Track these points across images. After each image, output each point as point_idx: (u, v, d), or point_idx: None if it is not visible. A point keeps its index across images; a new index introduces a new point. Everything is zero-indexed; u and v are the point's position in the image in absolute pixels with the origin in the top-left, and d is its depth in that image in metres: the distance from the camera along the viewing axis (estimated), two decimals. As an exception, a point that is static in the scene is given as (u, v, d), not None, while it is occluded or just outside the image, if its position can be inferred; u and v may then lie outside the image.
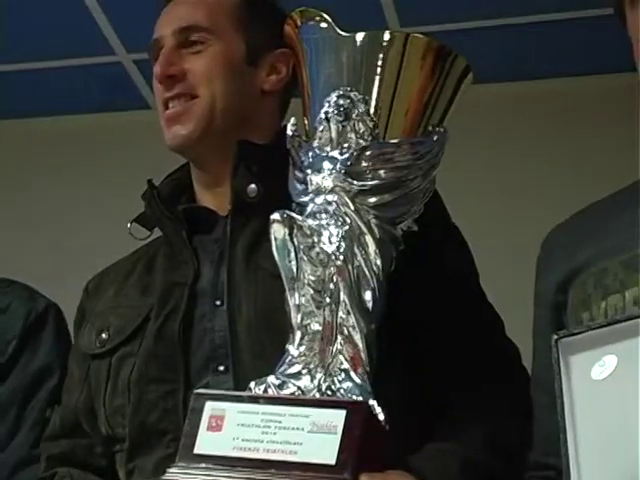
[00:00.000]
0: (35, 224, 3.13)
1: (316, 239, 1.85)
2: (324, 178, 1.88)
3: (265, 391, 1.81)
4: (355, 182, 1.87)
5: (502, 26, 4.14)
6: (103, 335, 2.19)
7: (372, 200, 1.88)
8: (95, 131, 4.33)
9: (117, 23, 4.02)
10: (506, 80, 4.18)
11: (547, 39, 4.19)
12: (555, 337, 1.75)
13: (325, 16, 2.00)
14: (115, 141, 4.22)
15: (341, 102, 1.89)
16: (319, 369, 1.82)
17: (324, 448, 1.69)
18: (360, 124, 1.88)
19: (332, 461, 1.67)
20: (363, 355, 1.82)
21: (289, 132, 2.00)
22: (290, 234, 1.85)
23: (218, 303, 2.12)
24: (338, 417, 1.71)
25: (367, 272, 1.85)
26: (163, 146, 2.27)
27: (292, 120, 2.02)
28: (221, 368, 2.05)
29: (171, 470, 1.78)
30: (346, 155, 1.87)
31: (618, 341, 1.68)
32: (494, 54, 3.98)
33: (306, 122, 1.99)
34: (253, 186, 2.12)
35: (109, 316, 2.22)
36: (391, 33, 1.99)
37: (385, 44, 1.95)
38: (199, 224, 2.23)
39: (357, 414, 1.73)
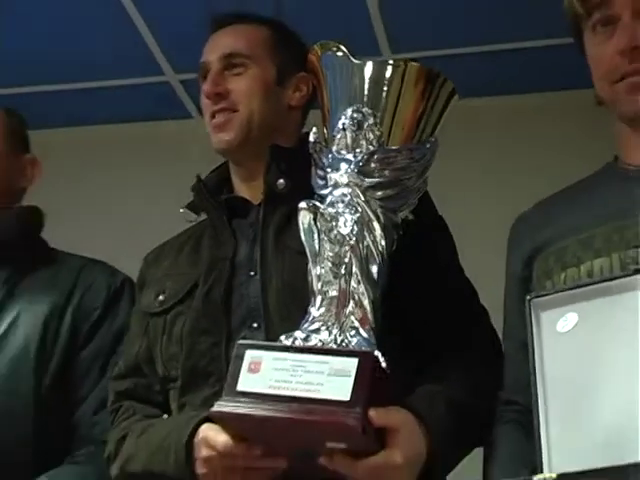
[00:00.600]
0: (91, 218, 3.15)
1: (334, 223, 1.91)
2: (341, 175, 1.95)
3: (293, 343, 1.87)
4: (365, 179, 1.94)
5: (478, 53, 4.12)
6: (160, 297, 2.26)
7: (378, 194, 1.95)
8: (144, 137, 4.33)
9: (165, 45, 4.01)
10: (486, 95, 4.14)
11: (525, 62, 4.13)
12: (528, 297, 1.80)
13: (342, 47, 2.04)
14: (162, 145, 4.24)
15: (355, 115, 1.95)
16: (335, 326, 1.87)
17: (340, 388, 1.75)
18: (370, 133, 1.95)
19: (347, 398, 1.73)
20: (370, 316, 1.88)
21: (312, 139, 2.05)
22: (314, 219, 1.93)
23: (252, 274, 2.18)
24: (352, 364, 1.77)
25: (374, 250, 1.92)
26: (204, 149, 2.38)
27: (314, 129, 2.06)
28: (255, 325, 2.12)
29: (218, 403, 1.83)
30: (358, 158, 1.94)
31: (578, 302, 1.75)
32: (473, 75, 3.91)
33: (325, 131, 2.04)
34: (282, 180, 2.19)
35: (165, 282, 2.29)
36: (393, 62, 2.05)
37: (388, 70, 2.01)
38: (237, 210, 2.29)
39: (366, 362, 1.78)
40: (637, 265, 1.80)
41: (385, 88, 2.01)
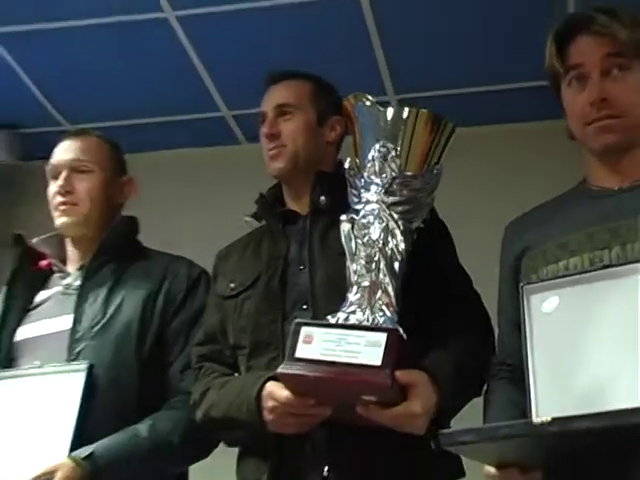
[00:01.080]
0: (165, 224, 3.14)
1: (367, 231, 1.96)
2: (371, 195, 2.00)
3: (337, 321, 1.92)
4: (389, 198, 1.98)
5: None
6: (231, 285, 2.28)
7: (399, 208, 1.98)
8: (204, 159, 4.27)
9: (220, 85, 3.98)
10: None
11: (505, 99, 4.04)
12: (521, 284, 1.86)
13: (369, 97, 2.08)
14: (218, 164, 4.17)
15: (381, 149, 2.00)
16: (367, 309, 1.91)
17: (373, 355, 1.80)
18: (392, 163, 1.99)
19: (379, 363, 1.79)
20: (393, 301, 1.92)
21: (346, 166, 2.09)
22: (352, 228, 1.98)
23: (302, 267, 2.20)
24: (382, 337, 1.82)
25: (396, 251, 1.95)
26: (249, 168, 2.39)
27: (348, 159, 2.10)
28: (304, 307, 2.13)
29: (281, 366, 1.90)
30: (384, 181, 1.99)
31: (559, 289, 1.81)
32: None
33: (357, 160, 2.06)
34: (323, 198, 2.21)
35: (235, 273, 2.31)
36: (408, 109, 2.04)
37: (405, 115, 2.03)
38: (288, 220, 2.30)
39: (392, 336, 1.83)
40: (603, 262, 1.85)
41: (403, 128, 2.03)
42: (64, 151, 2.56)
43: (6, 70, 3.85)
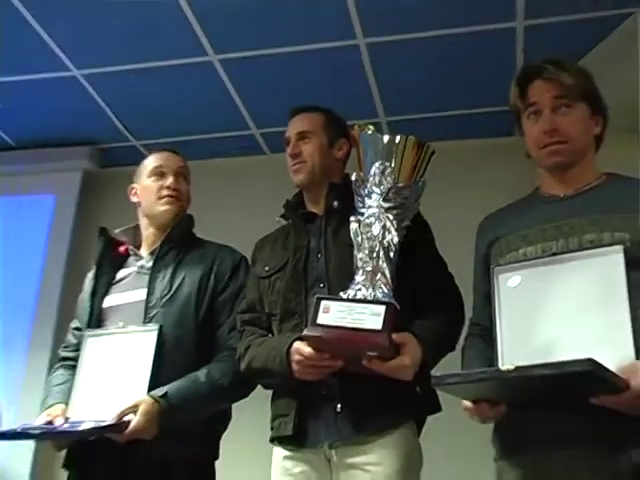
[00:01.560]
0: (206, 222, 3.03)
1: (369, 229, 1.99)
2: (372, 201, 2.03)
3: (348, 296, 1.94)
4: (386, 204, 2.01)
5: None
6: (266, 268, 2.29)
7: (393, 212, 2.01)
8: (235, 167, 4.22)
9: (250, 106, 3.90)
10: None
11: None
12: (492, 266, 1.93)
13: (371, 126, 2.09)
14: (247, 171, 4.11)
15: (380, 167, 2.03)
16: (370, 287, 1.95)
17: (375, 322, 1.85)
18: (389, 177, 2.01)
19: (379, 327, 1.84)
20: (390, 281, 1.96)
21: (353, 179, 2.09)
22: (358, 226, 2.01)
23: (319, 256, 2.21)
24: (382, 309, 1.87)
25: (391, 244, 1.98)
26: (270, 174, 2.39)
27: (354, 174, 2.09)
28: (321, 285, 2.14)
29: (306, 330, 1.95)
30: (382, 191, 2.01)
31: (520, 270, 1.87)
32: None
33: (361, 174, 2.07)
34: (335, 202, 2.23)
35: (268, 260, 2.32)
36: (400, 136, 2.05)
37: (397, 141, 2.04)
38: (308, 219, 2.30)
39: (389, 307, 1.88)
40: (552, 251, 1.88)
41: (395, 151, 2.05)
42: (168, 159, 2.64)
43: (91, 102, 3.87)
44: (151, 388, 2.22)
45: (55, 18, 3.34)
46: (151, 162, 2.63)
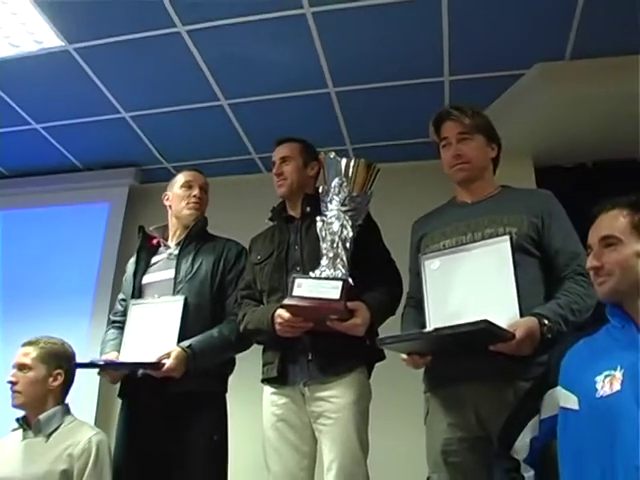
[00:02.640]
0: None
1: (331, 226, 1.99)
2: (333, 206, 2.02)
3: (315, 275, 1.94)
4: (343, 207, 2.01)
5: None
6: (258, 257, 2.28)
7: (349, 214, 2.01)
8: (238, 183, 4.14)
9: (251, 136, 3.88)
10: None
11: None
12: (420, 255, 1.95)
13: (333, 153, 2.08)
14: (247, 186, 4.05)
15: (339, 181, 2.03)
16: (331, 269, 1.94)
17: (335, 293, 1.86)
18: (346, 189, 2.02)
19: (337, 297, 1.86)
20: (346, 264, 1.95)
21: (320, 191, 2.09)
22: (323, 224, 2.00)
23: (297, 247, 2.18)
24: (339, 283, 1.88)
25: (347, 237, 1.98)
26: (265, 188, 2.39)
27: (321, 187, 2.09)
28: (298, 269, 2.12)
29: (285, 300, 1.95)
30: (340, 199, 2.02)
31: (440, 257, 1.90)
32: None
33: (326, 187, 2.07)
34: (308, 208, 2.21)
35: (260, 250, 2.29)
36: (353, 159, 2.06)
37: (352, 163, 2.04)
38: (289, 220, 2.28)
39: (345, 283, 1.88)
40: (462, 242, 1.90)
41: (351, 169, 2.05)
42: (195, 176, 2.62)
43: (135, 136, 3.88)
44: (179, 341, 2.23)
45: (108, 72, 3.36)
46: (182, 177, 2.62)
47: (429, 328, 1.75)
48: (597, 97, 3.22)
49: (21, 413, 2.23)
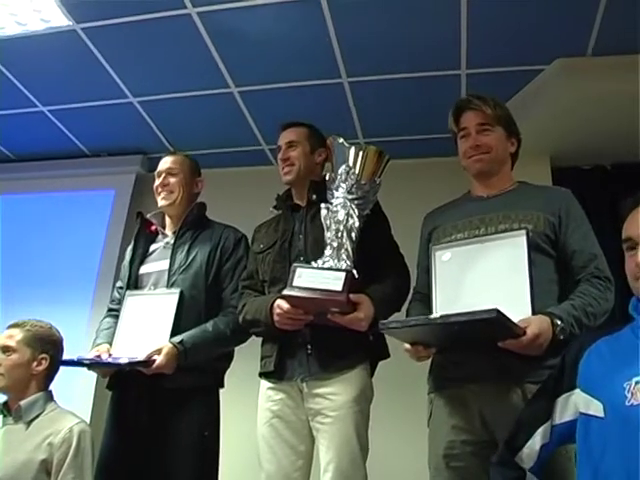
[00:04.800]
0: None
1: (336, 214, 1.95)
2: (339, 193, 1.98)
3: (318, 265, 1.89)
4: (350, 195, 1.97)
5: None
6: (261, 246, 2.22)
7: (355, 202, 1.96)
8: (252, 174, 4.12)
9: (265, 135, 3.89)
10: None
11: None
12: (431, 245, 1.92)
13: (341, 139, 2.06)
14: (260, 176, 3.85)
15: (346, 169, 1.99)
16: (335, 259, 1.90)
17: (338, 284, 1.80)
18: (353, 176, 1.98)
19: (340, 289, 1.80)
20: (351, 254, 1.91)
21: (327, 178, 2.05)
22: (327, 212, 1.96)
23: (301, 236, 2.13)
24: (342, 274, 1.82)
25: (353, 227, 1.93)
26: (276, 179, 2.33)
27: (328, 174, 2.06)
28: (302, 258, 2.06)
29: (284, 290, 1.89)
30: (348, 187, 1.98)
31: (451, 248, 1.86)
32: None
33: (332, 174, 2.03)
34: (314, 196, 2.14)
35: (263, 239, 2.24)
36: (363, 146, 2.04)
37: (361, 150, 2.01)
38: (294, 208, 2.23)
39: (348, 274, 1.83)
40: (477, 235, 1.86)
41: (360, 156, 2.01)
42: (164, 163, 2.51)
43: (143, 122, 3.86)
44: (172, 336, 2.18)
45: (116, 54, 3.32)
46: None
47: (434, 314, 1.70)
48: (618, 95, 3.14)
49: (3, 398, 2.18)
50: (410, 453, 2.46)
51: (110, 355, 2.23)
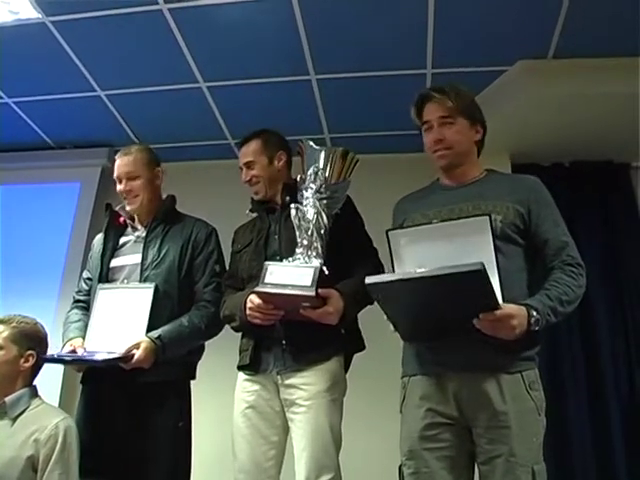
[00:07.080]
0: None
1: (306, 214, 1.99)
2: (309, 194, 2.02)
3: (289, 262, 1.94)
4: (319, 195, 2.01)
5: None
6: (239, 245, 2.29)
7: (324, 202, 2.01)
8: (213, 169, 4.15)
9: (230, 122, 3.88)
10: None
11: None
12: (387, 230, 1.81)
13: (311, 142, 2.09)
14: (226, 174, 3.60)
15: (315, 170, 2.03)
16: (305, 256, 1.94)
17: (307, 280, 1.85)
18: (321, 177, 2.02)
19: (309, 284, 1.84)
20: (320, 253, 1.95)
21: (298, 179, 2.08)
22: (297, 211, 1.99)
23: (276, 236, 2.18)
24: (311, 271, 1.87)
25: (322, 226, 1.98)
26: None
27: (299, 175, 2.08)
28: (277, 257, 2.08)
29: (257, 287, 1.93)
30: (316, 187, 2.02)
31: (411, 232, 1.80)
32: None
33: (303, 176, 2.07)
34: (287, 197, 2.17)
35: (241, 239, 2.29)
36: (332, 148, 2.09)
37: (330, 153, 2.07)
38: (269, 210, 2.28)
39: (317, 270, 1.86)
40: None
41: (329, 158, 2.06)
42: (120, 167, 2.46)
43: (110, 115, 3.85)
44: (148, 332, 2.20)
45: (86, 48, 3.32)
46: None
47: (422, 269, 1.60)
48: (577, 97, 3.26)
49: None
50: (385, 444, 2.42)
51: (85, 349, 2.22)
